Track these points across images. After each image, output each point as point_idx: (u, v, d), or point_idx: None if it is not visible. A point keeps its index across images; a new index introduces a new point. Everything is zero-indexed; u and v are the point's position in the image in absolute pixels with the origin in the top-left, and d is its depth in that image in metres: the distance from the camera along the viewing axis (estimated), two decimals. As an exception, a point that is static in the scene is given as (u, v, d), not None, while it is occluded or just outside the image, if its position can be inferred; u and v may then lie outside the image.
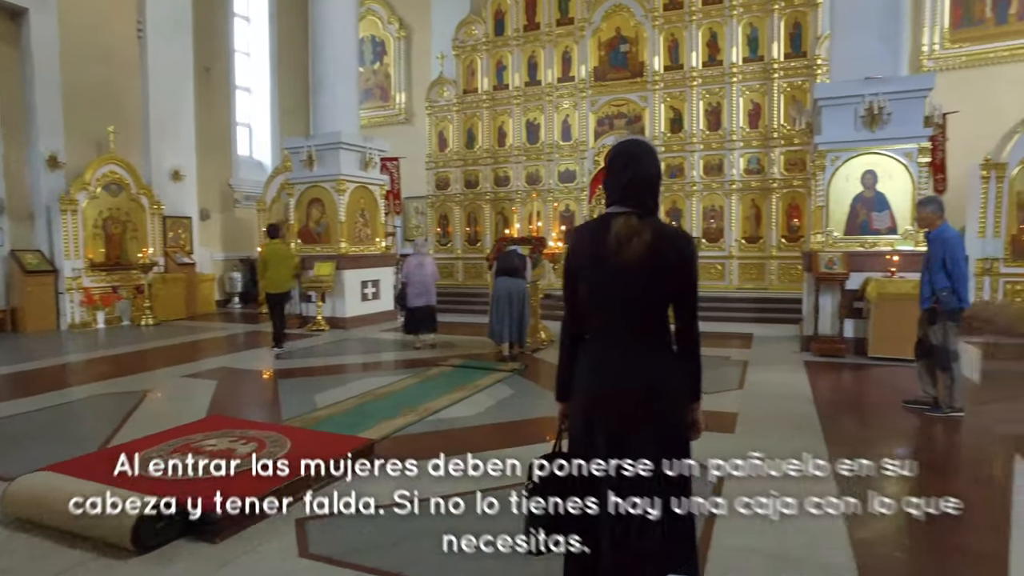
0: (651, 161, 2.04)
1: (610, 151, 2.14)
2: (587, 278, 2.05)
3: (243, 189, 15.82)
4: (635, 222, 1.95)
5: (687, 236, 2.09)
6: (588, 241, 2.05)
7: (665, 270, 1.97)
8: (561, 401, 2.22)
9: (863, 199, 8.43)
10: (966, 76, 11.75)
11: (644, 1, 13.36)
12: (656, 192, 2.05)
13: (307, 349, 9.37)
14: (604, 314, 2.04)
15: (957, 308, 5.32)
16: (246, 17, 16.62)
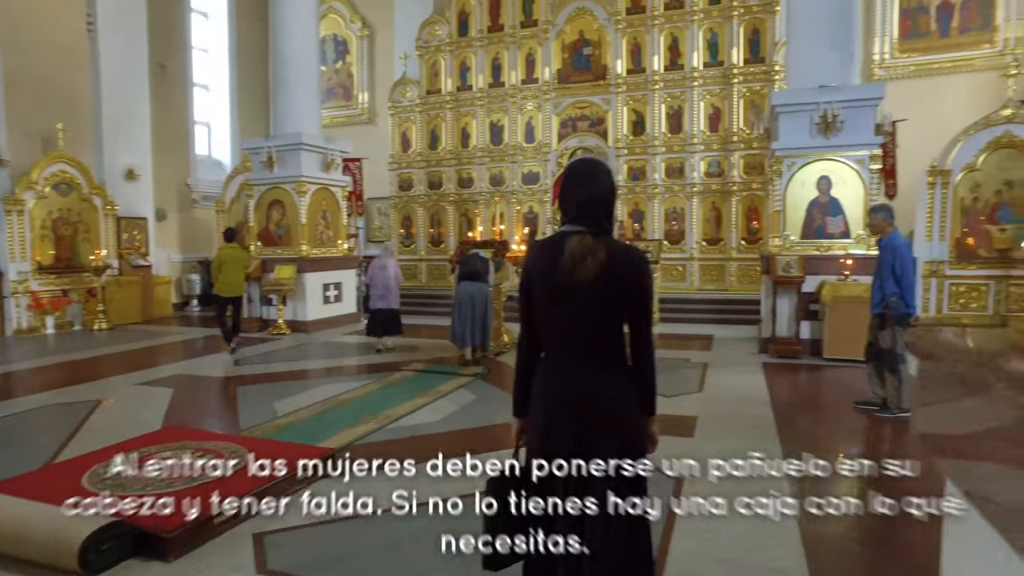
0: (605, 180, 2.07)
1: (565, 170, 2.17)
2: (543, 297, 2.07)
3: (201, 189, 15.47)
4: (590, 241, 1.98)
5: (641, 254, 2.12)
6: (543, 260, 2.06)
7: (619, 289, 1.99)
8: (519, 417, 2.24)
9: (818, 204, 8.65)
10: (914, 85, 12.15)
11: (607, 5, 13.46)
12: (611, 211, 2.08)
13: (267, 354, 9.22)
14: (560, 332, 2.06)
15: (905, 313, 5.51)
16: (204, 13, 16.24)
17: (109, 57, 12.57)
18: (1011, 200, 10.11)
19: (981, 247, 10.22)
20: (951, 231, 10.26)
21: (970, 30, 12.14)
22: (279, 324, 10.95)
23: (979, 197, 10.22)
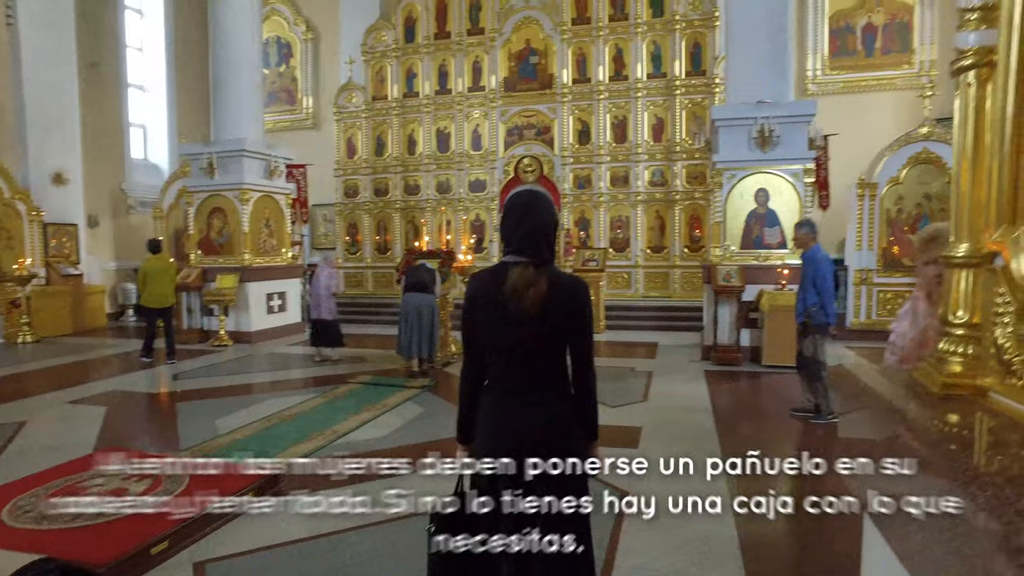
0: (546, 211, 2.10)
1: (507, 200, 2.19)
2: (485, 327, 2.09)
3: (137, 194, 14.88)
4: (531, 272, 2.00)
5: (581, 283, 2.16)
6: (486, 290, 2.08)
7: (561, 318, 2.03)
8: (463, 444, 2.26)
9: (756, 215, 8.96)
10: (844, 101, 12.74)
11: (553, 15, 13.62)
12: (552, 241, 2.11)
13: (209, 367, 8.95)
14: (503, 361, 2.09)
15: (825, 322, 5.83)
16: (138, 11, 15.67)
17: (33, 54, 11.97)
18: (930, 212, 10.66)
19: (905, 256, 10.74)
20: (879, 241, 10.74)
21: (892, 51, 12.84)
22: (221, 335, 10.65)
23: (902, 209, 10.73)
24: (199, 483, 4.12)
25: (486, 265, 12.37)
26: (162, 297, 8.94)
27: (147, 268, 8.88)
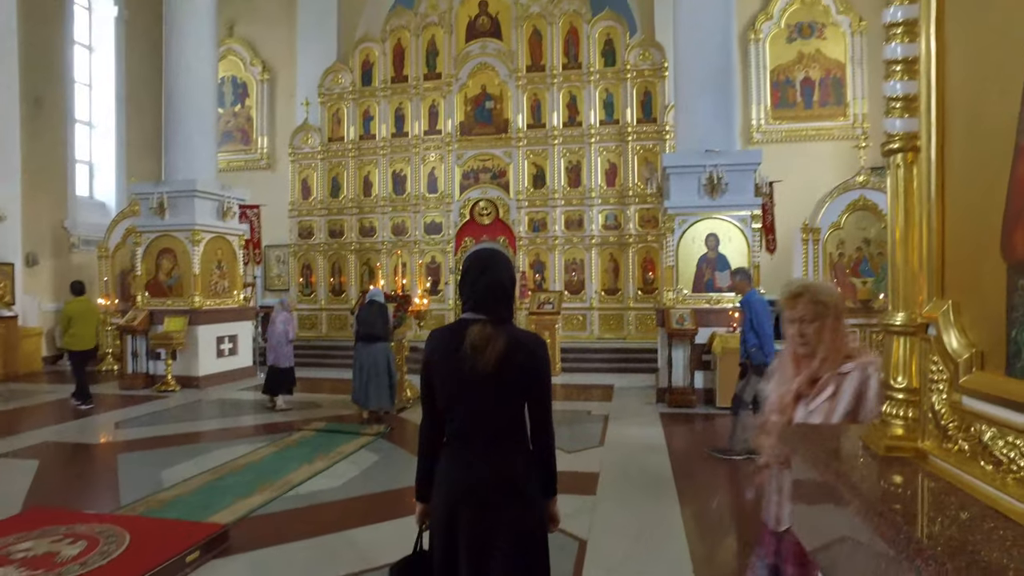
0: (504, 270, 2.14)
1: (465, 259, 2.23)
2: (444, 384, 2.10)
3: (81, 232, 14.41)
4: (489, 330, 2.03)
5: (540, 341, 2.19)
6: (444, 348, 2.10)
7: (519, 376, 2.06)
8: (421, 501, 2.24)
9: (707, 259, 9.23)
10: (787, 149, 13.36)
11: (508, 62, 13.96)
12: (510, 299, 2.15)
13: (154, 414, 8.61)
14: (461, 418, 2.10)
15: (763, 363, 6.04)
16: (87, 46, 15.42)
17: (-30, 86, 11.63)
18: (868, 256, 11.18)
19: (848, 298, 11.17)
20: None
21: (828, 104, 13.63)
22: (167, 380, 10.29)
23: (844, 253, 11.21)
24: (140, 543, 3.92)
25: (441, 308, 12.37)
26: (85, 339, 8.90)
27: (70, 310, 8.88)
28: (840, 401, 1.94)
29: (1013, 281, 1.34)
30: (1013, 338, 1.34)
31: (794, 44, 13.93)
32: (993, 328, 1.38)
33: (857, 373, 1.95)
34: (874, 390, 1.89)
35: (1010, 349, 1.34)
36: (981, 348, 1.38)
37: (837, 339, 2.02)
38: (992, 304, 1.38)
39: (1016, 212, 1.35)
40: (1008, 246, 1.36)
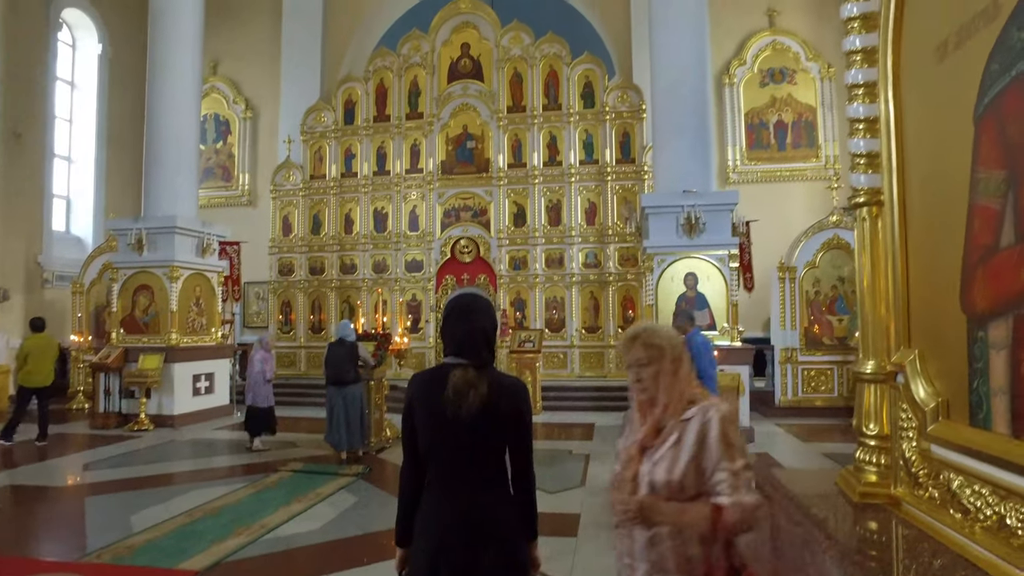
0: (485, 314, 2.16)
1: (447, 303, 2.25)
2: (425, 429, 2.10)
3: (55, 268, 14.21)
4: (472, 375, 2.04)
5: (521, 385, 2.21)
6: (426, 392, 2.11)
7: (501, 420, 2.07)
8: (401, 546, 2.22)
9: (686, 298, 9.35)
10: (762, 189, 13.69)
11: (490, 102, 14.21)
12: (492, 343, 2.17)
13: (125, 455, 8.39)
14: (443, 463, 2.09)
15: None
16: (70, 82, 15.44)
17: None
18: (844, 294, 11.39)
19: (825, 335, 11.34)
20: (800, 321, 11.33)
21: (801, 146, 14.05)
22: (141, 419, 10.07)
23: (819, 291, 11.41)
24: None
25: (422, 346, 12.31)
26: (41, 376, 8.85)
27: (28, 346, 8.86)
28: (683, 449, 1.83)
29: (973, 333, 1.40)
30: (975, 389, 1.39)
31: (767, 88, 14.38)
32: (957, 378, 1.43)
33: (699, 418, 1.84)
34: (715, 434, 1.78)
35: (972, 399, 1.39)
36: (947, 397, 1.43)
37: (677, 384, 1.90)
38: (955, 354, 1.43)
39: (972, 268, 1.42)
40: (967, 300, 1.42)
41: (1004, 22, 1.34)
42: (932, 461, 1.47)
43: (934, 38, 1.50)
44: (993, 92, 1.31)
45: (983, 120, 1.31)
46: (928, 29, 1.50)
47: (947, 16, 1.46)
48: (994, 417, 1.29)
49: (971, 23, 1.38)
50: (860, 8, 1.82)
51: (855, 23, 1.84)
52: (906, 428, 1.56)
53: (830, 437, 9.06)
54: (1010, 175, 1.27)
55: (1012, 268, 1.27)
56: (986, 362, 1.31)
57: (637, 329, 1.98)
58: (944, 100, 1.44)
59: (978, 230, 1.35)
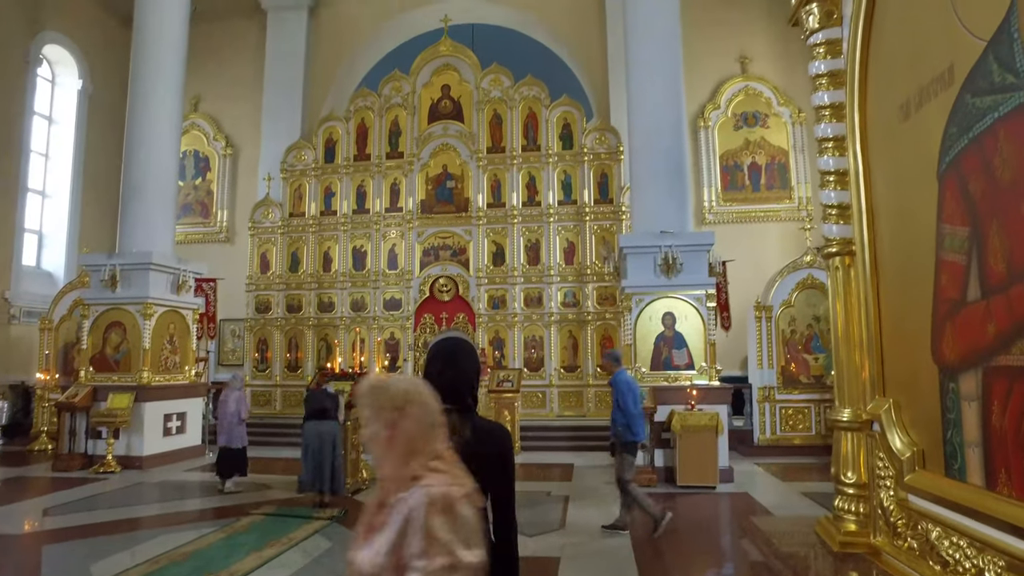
0: (469, 359, 2.15)
1: (430, 348, 2.24)
2: None
3: (23, 303, 13.92)
4: (455, 420, 2.02)
5: (505, 432, 2.19)
6: None
7: (484, 466, 2.04)
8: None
9: (664, 338, 9.40)
10: (737, 230, 13.95)
11: (469, 143, 14.38)
12: (475, 388, 2.16)
13: (88, 499, 8.10)
14: None
15: (632, 441, 6.32)
16: (47, 117, 15.37)
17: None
18: (819, 332, 11.55)
19: (802, 374, 11.44)
20: (777, 359, 11.43)
21: (774, 187, 14.40)
22: (107, 461, 9.77)
23: (795, 330, 11.55)
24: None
25: (401, 385, 12.14)
26: None
27: None
28: (387, 535, 1.48)
29: (944, 384, 1.43)
30: (949, 439, 1.41)
31: (740, 132, 14.76)
32: (931, 428, 1.45)
33: (410, 500, 1.47)
34: (418, 523, 1.43)
35: (947, 450, 1.41)
36: (922, 447, 1.45)
37: (393, 452, 1.53)
38: (928, 404, 1.46)
39: (941, 321, 1.46)
40: (937, 351, 1.45)
41: (958, 89, 1.41)
42: (910, 511, 1.48)
43: (897, 98, 1.56)
44: (953, 153, 1.37)
45: (945, 178, 1.36)
46: (891, 89, 1.56)
47: (907, 79, 1.53)
48: (968, 468, 1.31)
49: (929, 86, 1.44)
50: (827, 66, 1.91)
51: (823, 80, 1.92)
52: (883, 477, 1.58)
53: (808, 476, 9.08)
54: (973, 232, 1.32)
55: (979, 322, 1.31)
56: (958, 413, 1.33)
57: (366, 384, 1.65)
58: (910, 156, 1.50)
59: (945, 284, 1.39)
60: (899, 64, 1.53)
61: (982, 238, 1.27)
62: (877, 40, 1.62)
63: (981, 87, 1.26)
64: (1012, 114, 1.19)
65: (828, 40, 1.90)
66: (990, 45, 1.26)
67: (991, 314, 1.27)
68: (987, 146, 1.26)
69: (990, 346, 1.26)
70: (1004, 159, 1.20)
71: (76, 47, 15.64)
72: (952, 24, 1.38)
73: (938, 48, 1.39)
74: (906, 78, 1.50)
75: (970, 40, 1.31)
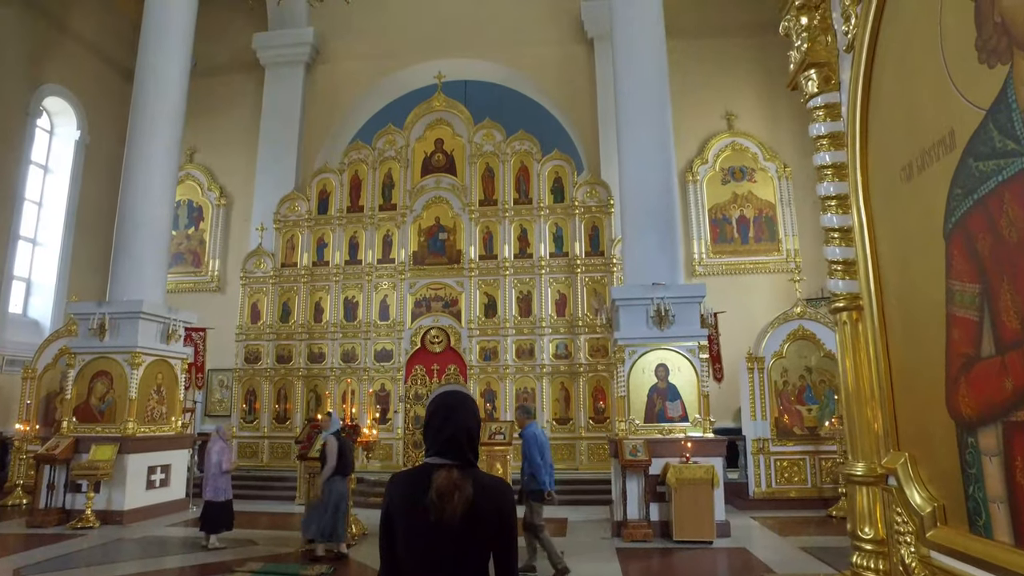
0: (470, 413, 2.11)
1: (430, 402, 2.20)
2: (406, 533, 2.01)
3: (7, 351, 13.68)
4: (456, 476, 1.98)
5: (507, 487, 2.15)
6: (407, 494, 2.01)
7: (486, 525, 1.99)
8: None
9: (658, 390, 9.38)
10: (727, 281, 14.11)
11: (462, 196, 14.58)
12: (475, 443, 2.12)
13: (63, 557, 7.78)
14: (423, 569, 2.00)
15: (538, 490, 6.73)
16: (43, 166, 15.45)
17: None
18: (812, 384, 11.56)
19: (795, 425, 11.40)
20: (770, 411, 11.40)
21: (763, 240, 14.65)
22: (86, 515, 9.46)
23: (788, 381, 11.57)
24: None
25: (390, 437, 12.01)
26: None
27: None
28: None
29: (963, 439, 1.45)
30: (971, 494, 1.41)
31: (728, 186, 15.08)
32: (951, 483, 1.45)
33: None
34: None
35: (970, 506, 1.41)
36: (943, 502, 1.45)
37: None
38: (947, 459, 1.47)
39: (955, 376, 1.49)
40: (952, 406, 1.47)
41: (960, 153, 1.48)
42: (934, 569, 1.47)
43: (899, 160, 1.63)
44: (959, 213, 1.42)
45: (953, 237, 1.41)
46: (893, 151, 1.63)
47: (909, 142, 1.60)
48: (994, 525, 1.31)
49: (932, 149, 1.51)
50: (827, 128, 1.99)
51: (823, 141, 1.99)
52: (903, 532, 1.57)
53: (806, 530, 8.96)
54: (983, 289, 1.37)
55: (995, 377, 1.34)
56: (980, 468, 1.34)
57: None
58: (914, 215, 1.56)
59: (958, 339, 1.43)
60: (899, 128, 1.60)
61: (992, 295, 1.31)
62: (876, 105, 1.69)
63: (983, 152, 1.32)
64: (1015, 178, 1.25)
65: (827, 104, 1.98)
66: (989, 114, 1.33)
67: (1007, 370, 1.30)
68: (992, 207, 1.32)
69: (1008, 401, 1.28)
70: (1010, 220, 1.25)
71: (76, 99, 15.86)
72: (949, 92, 1.46)
73: (937, 114, 1.45)
74: (907, 141, 1.57)
75: (969, 108, 1.38)
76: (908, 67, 1.58)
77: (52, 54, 15.22)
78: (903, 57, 1.62)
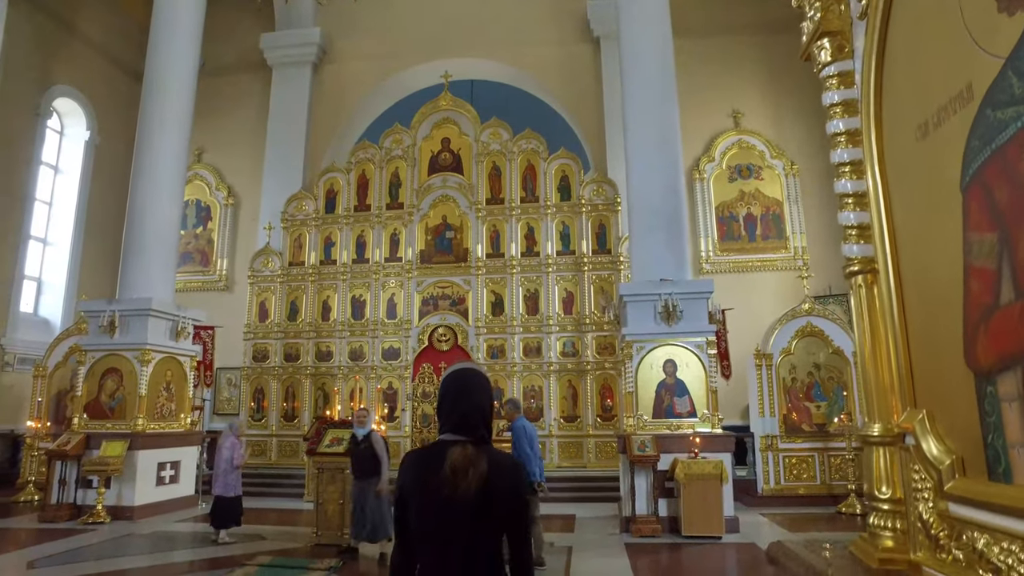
0: (483, 391, 2.10)
1: (443, 379, 2.20)
2: (419, 510, 2.00)
3: (18, 350, 13.76)
4: (471, 452, 1.96)
5: (520, 465, 2.15)
6: (421, 471, 2.00)
7: (498, 502, 1.97)
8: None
9: (666, 385, 9.35)
10: (734, 279, 14.06)
11: (469, 194, 14.59)
12: (489, 420, 2.11)
13: (74, 551, 7.82)
14: (437, 547, 1.98)
15: (529, 482, 6.60)
16: (54, 167, 15.56)
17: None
18: (820, 380, 11.50)
19: (804, 422, 11.34)
20: (779, 408, 11.34)
21: (770, 237, 14.58)
22: (97, 511, 9.50)
23: (796, 377, 11.51)
24: None
25: (398, 435, 12.02)
26: None
27: None
28: None
29: (982, 389, 1.44)
30: (990, 443, 1.41)
31: (735, 183, 15.03)
32: (969, 434, 1.45)
33: None
34: None
35: (989, 454, 1.40)
36: (961, 454, 1.44)
37: None
38: (965, 410, 1.46)
39: (974, 326, 1.48)
40: (971, 356, 1.47)
41: (978, 104, 1.47)
42: (952, 521, 1.46)
43: (914, 119, 1.62)
44: (976, 164, 1.42)
45: (970, 189, 1.40)
46: (907, 112, 1.62)
47: (924, 101, 1.59)
48: (1015, 470, 1.30)
49: (948, 104, 1.50)
50: (840, 96, 1.98)
51: (837, 108, 1.99)
52: (920, 489, 1.56)
53: (815, 526, 8.89)
54: (1002, 236, 1.36)
55: (1015, 323, 1.33)
56: (999, 416, 1.33)
57: None
58: (929, 172, 1.55)
59: (976, 290, 1.42)
60: (914, 89, 1.60)
61: (1012, 242, 1.30)
62: (890, 68, 1.69)
63: (1001, 100, 1.32)
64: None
65: (840, 72, 1.97)
66: (1008, 61, 1.32)
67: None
68: (1011, 154, 1.31)
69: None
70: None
71: (86, 100, 15.97)
72: (967, 46, 1.45)
73: (954, 70, 1.45)
74: (922, 100, 1.56)
75: (987, 59, 1.38)
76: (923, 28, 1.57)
77: (61, 56, 15.35)
78: (918, 18, 1.62)
